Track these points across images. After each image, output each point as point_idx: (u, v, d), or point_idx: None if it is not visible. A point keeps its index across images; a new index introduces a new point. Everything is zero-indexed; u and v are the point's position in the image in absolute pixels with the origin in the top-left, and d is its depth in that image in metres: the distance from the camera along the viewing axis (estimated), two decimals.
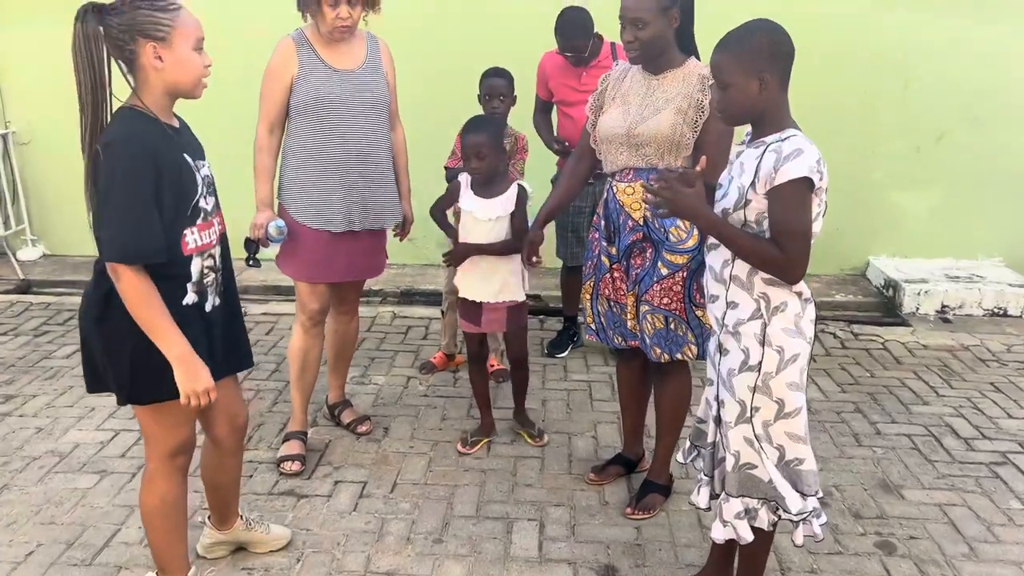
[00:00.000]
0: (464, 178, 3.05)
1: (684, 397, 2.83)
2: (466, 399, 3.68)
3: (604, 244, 2.74)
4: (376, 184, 3.03)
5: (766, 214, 1.97)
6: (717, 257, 2.11)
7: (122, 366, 2.04)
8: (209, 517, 2.55)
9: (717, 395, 2.19)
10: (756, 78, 1.95)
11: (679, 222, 2.57)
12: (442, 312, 3.94)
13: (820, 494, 2.16)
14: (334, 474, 3.08)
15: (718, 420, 2.21)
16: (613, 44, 3.85)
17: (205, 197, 2.10)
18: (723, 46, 1.99)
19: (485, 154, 2.93)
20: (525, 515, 2.84)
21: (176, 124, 2.08)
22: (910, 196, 5.13)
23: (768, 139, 1.98)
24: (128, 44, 1.93)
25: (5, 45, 5.30)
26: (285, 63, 2.89)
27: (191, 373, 2.00)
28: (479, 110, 3.68)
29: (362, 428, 3.36)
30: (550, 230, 3.69)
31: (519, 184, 2.97)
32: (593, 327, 2.85)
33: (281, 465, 3.07)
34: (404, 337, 4.43)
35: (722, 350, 2.13)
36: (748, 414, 2.08)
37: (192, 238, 2.06)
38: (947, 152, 5.07)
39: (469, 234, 3.03)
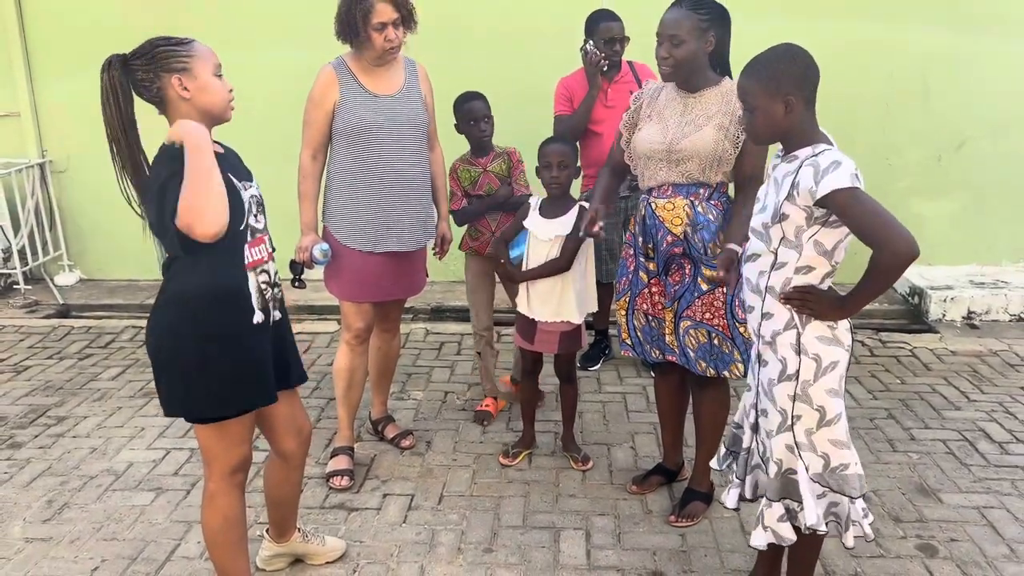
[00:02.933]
0: (533, 200, 3.14)
1: (723, 408, 2.90)
2: (504, 412, 3.76)
3: (641, 260, 2.81)
4: (416, 205, 3.12)
5: (805, 228, 2.04)
6: (753, 269, 2.18)
7: (186, 386, 2.12)
8: (267, 530, 2.64)
9: (756, 403, 2.25)
10: (781, 101, 2.03)
11: (718, 236, 2.64)
12: (478, 354, 3.80)
13: (866, 496, 2.22)
14: (382, 487, 3.16)
15: (755, 427, 2.28)
16: (631, 63, 3.94)
17: (256, 216, 2.20)
18: (749, 71, 2.08)
19: (568, 163, 3.02)
20: (571, 524, 2.91)
21: (219, 150, 2.17)
22: (932, 204, 5.18)
23: (800, 153, 2.05)
24: (155, 82, 2.04)
25: (41, 76, 5.45)
26: (326, 91, 2.99)
27: (193, 134, 2.01)
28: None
29: (406, 442, 3.45)
30: None
31: (581, 205, 3.03)
32: (629, 342, 2.92)
33: (330, 480, 3.15)
34: (438, 353, 4.52)
35: (761, 360, 2.20)
36: (789, 422, 2.14)
37: (247, 253, 2.15)
38: (968, 160, 5.14)
39: (531, 254, 3.10)
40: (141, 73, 2.03)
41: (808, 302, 2.06)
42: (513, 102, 4.24)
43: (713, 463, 2.56)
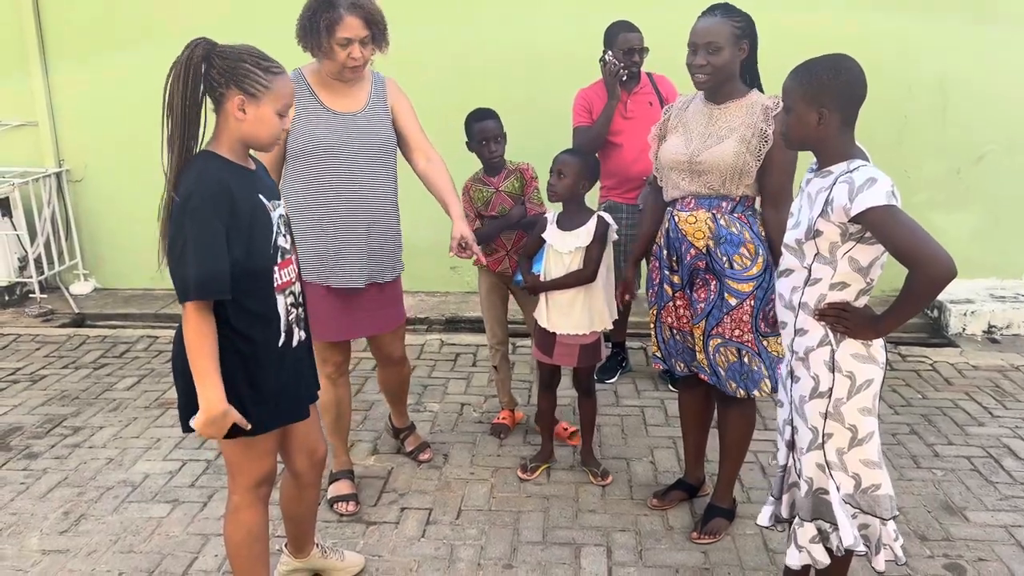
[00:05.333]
0: (550, 215, 3.12)
1: (749, 424, 2.86)
2: (521, 426, 3.73)
3: (666, 273, 2.79)
4: (379, 235, 2.86)
5: (839, 244, 2.01)
6: (787, 284, 2.15)
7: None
8: (286, 545, 2.61)
9: (791, 419, 2.22)
10: (816, 111, 2.01)
11: (741, 249, 2.62)
12: (494, 367, 3.70)
13: (897, 514, 2.17)
14: (400, 501, 3.13)
15: (791, 444, 2.24)
16: (650, 74, 3.93)
17: (284, 236, 2.17)
18: (795, 72, 2.07)
19: (566, 173, 2.98)
20: (591, 540, 2.87)
21: (252, 166, 2.15)
22: (951, 218, 5.13)
23: (835, 168, 2.03)
24: (221, 87, 2.00)
25: (59, 86, 5.48)
26: None
27: (211, 423, 2.00)
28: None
29: (424, 456, 3.42)
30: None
31: (599, 216, 3.01)
32: (660, 355, 2.90)
33: (335, 506, 3.04)
34: (454, 364, 4.50)
35: (793, 376, 2.17)
36: (820, 440, 2.10)
37: (275, 276, 2.12)
38: (987, 173, 5.09)
39: (550, 267, 3.07)
40: (216, 72, 1.98)
41: (842, 319, 2.03)
42: (531, 116, 4.24)
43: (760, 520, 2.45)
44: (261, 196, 2.10)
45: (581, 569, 2.72)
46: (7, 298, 5.49)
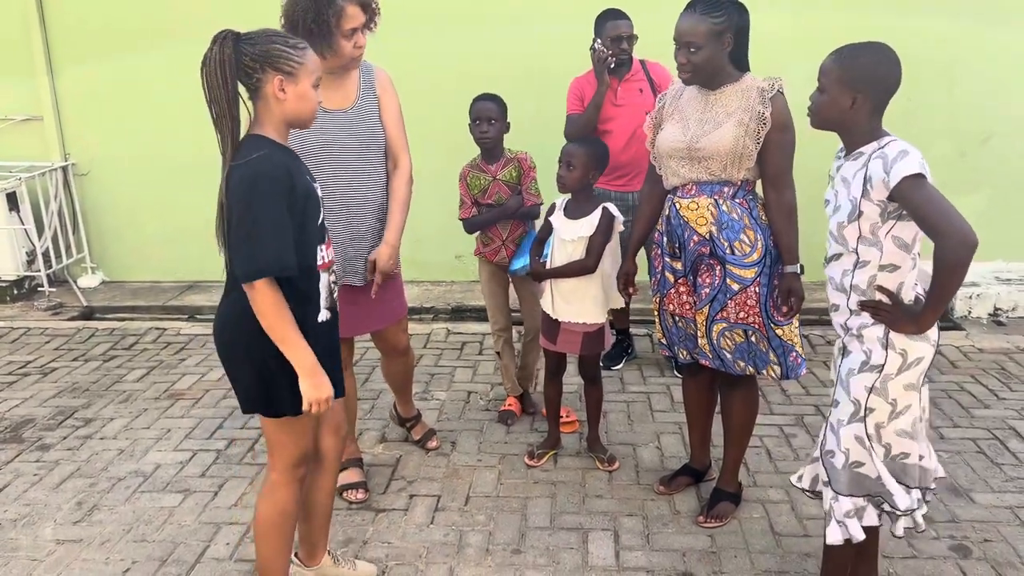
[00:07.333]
0: (559, 201, 3.13)
1: (752, 409, 2.88)
2: (528, 413, 3.75)
3: (667, 260, 2.80)
4: (372, 230, 2.85)
5: (880, 224, 2.03)
6: (837, 268, 2.18)
7: (261, 380, 2.12)
8: (296, 554, 2.55)
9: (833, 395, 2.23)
10: (850, 96, 2.05)
11: (742, 235, 2.62)
12: (497, 354, 3.75)
13: (933, 486, 2.23)
14: (408, 488, 3.16)
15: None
16: (643, 61, 3.92)
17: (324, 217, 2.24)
18: (836, 54, 2.10)
19: (575, 165, 2.99)
20: (599, 525, 2.90)
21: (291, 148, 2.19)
22: (956, 200, 4.85)
23: (866, 149, 2.06)
24: (256, 73, 2.04)
25: (64, 80, 5.49)
26: None
27: (318, 384, 2.09)
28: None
29: (431, 444, 3.44)
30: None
31: (604, 207, 3.01)
32: (665, 342, 2.91)
33: (344, 494, 3.05)
34: (460, 353, 4.52)
35: (844, 352, 2.20)
36: (862, 414, 2.13)
37: (321, 255, 2.18)
38: (993, 155, 5.08)
39: (555, 254, 3.09)
40: (249, 60, 2.01)
41: (882, 312, 2.07)
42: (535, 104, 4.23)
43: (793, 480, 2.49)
44: (308, 177, 2.15)
45: (589, 553, 2.74)
46: (16, 292, 5.53)
